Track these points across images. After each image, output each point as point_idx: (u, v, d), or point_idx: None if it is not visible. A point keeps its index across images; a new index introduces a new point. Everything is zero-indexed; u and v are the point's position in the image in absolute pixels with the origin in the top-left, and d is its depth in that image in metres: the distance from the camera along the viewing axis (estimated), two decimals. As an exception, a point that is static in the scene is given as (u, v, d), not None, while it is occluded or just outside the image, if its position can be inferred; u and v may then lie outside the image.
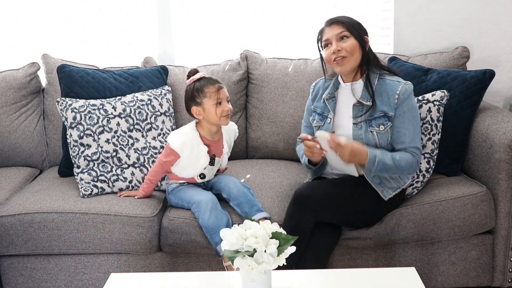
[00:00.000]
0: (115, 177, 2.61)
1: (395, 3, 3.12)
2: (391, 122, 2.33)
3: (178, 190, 2.51)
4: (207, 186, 2.59)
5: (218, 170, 2.75)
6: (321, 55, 2.42)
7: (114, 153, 2.63)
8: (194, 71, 2.48)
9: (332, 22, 2.34)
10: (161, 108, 2.72)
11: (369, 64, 2.37)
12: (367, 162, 2.24)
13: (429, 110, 2.53)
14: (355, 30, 2.32)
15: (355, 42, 2.31)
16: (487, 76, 2.62)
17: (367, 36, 2.37)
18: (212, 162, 2.51)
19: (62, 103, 2.67)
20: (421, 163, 2.50)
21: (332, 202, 2.30)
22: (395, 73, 2.42)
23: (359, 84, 2.39)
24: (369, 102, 2.34)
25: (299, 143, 2.63)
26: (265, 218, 2.36)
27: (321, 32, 2.38)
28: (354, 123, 2.37)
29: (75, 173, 2.63)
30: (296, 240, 1.73)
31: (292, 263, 2.12)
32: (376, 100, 2.33)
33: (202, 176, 2.52)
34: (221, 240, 1.97)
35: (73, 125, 2.63)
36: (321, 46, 2.39)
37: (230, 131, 2.63)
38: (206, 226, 2.34)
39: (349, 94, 2.40)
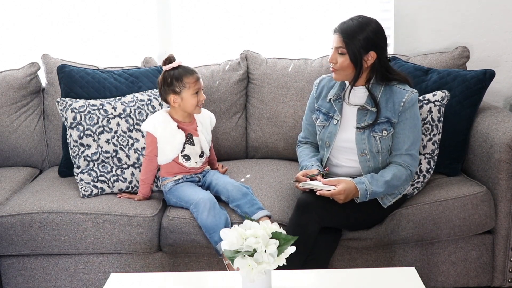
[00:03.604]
0: (115, 178, 2.61)
1: (395, 3, 3.12)
2: (393, 128, 2.34)
3: (176, 189, 2.52)
4: (203, 184, 2.59)
5: (216, 167, 2.76)
6: None
7: (114, 153, 2.63)
8: (171, 58, 2.53)
9: (336, 31, 2.31)
10: (161, 108, 2.72)
11: (373, 77, 2.34)
12: (360, 198, 2.29)
13: (430, 111, 2.53)
14: (352, 48, 2.27)
15: (348, 62, 2.29)
16: (487, 76, 2.62)
17: (375, 51, 2.29)
18: (191, 142, 2.54)
19: (62, 103, 2.67)
20: (418, 166, 2.51)
21: (335, 207, 2.30)
22: (406, 81, 2.37)
23: (364, 88, 2.37)
24: (373, 108, 2.34)
25: (301, 145, 2.63)
26: (267, 216, 2.36)
27: (333, 32, 2.35)
28: (357, 128, 2.37)
29: (75, 173, 2.63)
30: (301, 246, 1.73)
31: (297, 268, 2.11)
32: (380, 106, 2.33)
33: (187, 157, 2.53)
34: (221, 238, 1.97)
35: (73, 125, 2.63)
36: None
37: (205, 116, 2.65)
38: (205, 225, 2.34)
39: (355, 96, 2.39)
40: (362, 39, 2.27)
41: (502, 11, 3.10)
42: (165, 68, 2.52)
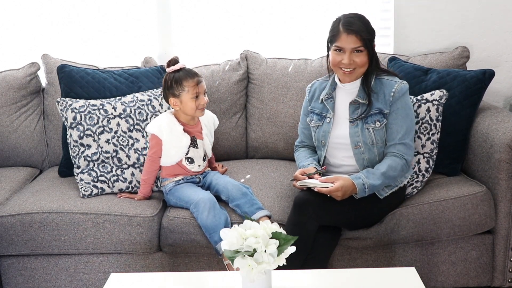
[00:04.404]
0: (115, 178, 2.61)
1: (395, 3, 3.12)
2: (386, 119, 2.36)
3: (176, 190, 2.52)
4: (204, 184, 2.59)
5: (214, 166, 2.76)
6: (328, 52, 2.41)
7: (114, 154, 2.63)
8: (174, 61, 2.53)
9: (351, 32, 2.29)
10: (161, 108, 2.72)
11: (370, 68, 2.37)
12: (359, 193, 2.28)
13: (428, 110, 2.53)
14: (370, 44, 2.31)
15: (366, 58, 2.33)
16: (486, 76, 2.62)
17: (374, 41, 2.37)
18: (195, 144, 2.53)
19: (62, 103, 2.67)
20: (417, 165, 2.52)
21: (333, 205, 2.30)
22: (395, 75, 2.44)
23: (356, 83, 2.40)
24: (365, 101, 2.36)
25: (298, 149, 2.63)
26: (267, 216, 2.36)
27: (336, 34, 2.33)
28: (350, 121, 2.39)
29: (75, 174, 2.63)
30: (300, 245, 1.72)
31: (297, 267, 2.12)
32: (372, 98, 2.36)
33: (190, 160, 2.53)
34: (220, 238, 1.98)
35: (73, 125, 2.63)
36: (330, 44, 2.37)
37: (209, 118, 2.66)
38: (205, 225, 2.34)
39: (346, 94, 2.43)
40: (371, 32, 2.33)
41: (502, 11, 3.10)
42: (167, 70, 2.52)
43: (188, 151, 2.53)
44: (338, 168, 2.47)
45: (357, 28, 2.30)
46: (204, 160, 2.59)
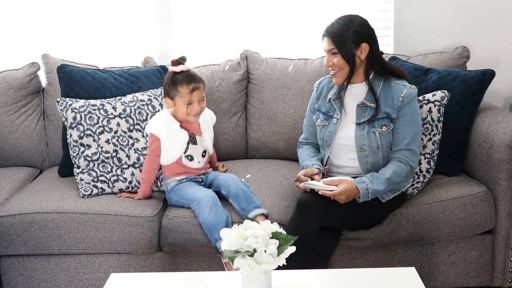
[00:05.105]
0: (115, 178, 2.61)
1: (395, 3, 3.12)
2: (393, 124, 2.35)
3: (178, 188, 2.52)
4: (206, 182, 2.59)
5: (216, 166, 2.76)
6: None
7: (114, 153, 2.63)
8: (177, 61, 2.52)
9: (324, 35, 2.36)
10: (161, 108, 2.72)
11: (372, 70, 2.37)
12: (362, 197, 2.29)
13: (430, 110, 2.53)
14: (343, 46, 2.30)
15: (342, 61, 2.33)
16: (487, 76, 2.62)
17: (367, 42, 2.32)
18: (194, 141, 2.53)
19: (62, 103, 2.67)
20: (418, 166, 2.51)
21: (335, 208, 2.30)
22: (403, 75, 2.41)
23: (364, 85, 2.40)
24: (373, 104, 2.35)
25: (302, 146, 2.63)
26: (263, 215, 2.36)
27: (322, 38, 2.39)
28: (357, 124, 2.38)
29: (75, 173, 2.63)
30: (301, 247, 1.72)
31: (297, 268, 2.12)
32: (380, 102, 2.35)
33: (190, 157, 2.53)
34: (221, 237, 1.98)
35: (73, 125, 2.63)
36: None
37: (205, 114, 2.65)
38: (206, 222, 2.34)
39: (355, 95, 2.42)
40: (350, 34, 2.31)
41: (502, 11, 3.10)
42: (170, 69, 2.52)
43: (187, 148, 2.53)
44: (340, 169, 2.46)
45: (330, 30, 2.33)
46: (203, 156, 2.59)
